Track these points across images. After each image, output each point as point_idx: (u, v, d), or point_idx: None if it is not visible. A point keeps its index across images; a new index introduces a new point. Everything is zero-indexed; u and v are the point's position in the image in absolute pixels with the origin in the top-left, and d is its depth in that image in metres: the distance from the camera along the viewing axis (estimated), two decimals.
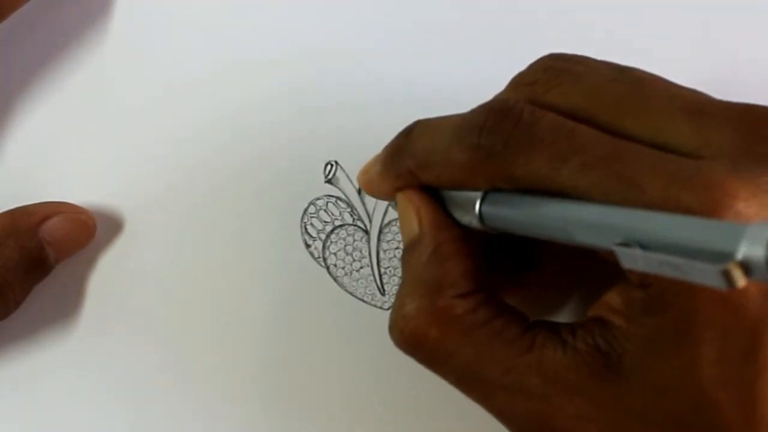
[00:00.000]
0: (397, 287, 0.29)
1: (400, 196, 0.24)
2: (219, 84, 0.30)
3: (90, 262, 0.30)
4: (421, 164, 0.23)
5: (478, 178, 0.21)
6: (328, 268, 0.30)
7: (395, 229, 0.30)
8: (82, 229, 0.29)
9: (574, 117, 0.20)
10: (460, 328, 0.21)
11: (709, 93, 0.20)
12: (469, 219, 0.22)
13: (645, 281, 0.19)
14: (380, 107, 0.30)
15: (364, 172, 0.25)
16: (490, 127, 0.20)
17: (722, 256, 0.14)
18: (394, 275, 0.30)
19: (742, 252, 0.14)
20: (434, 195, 0.23)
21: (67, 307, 0.30)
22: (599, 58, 0.22)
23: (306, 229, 0.30)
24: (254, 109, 0.30)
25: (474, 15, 0.30)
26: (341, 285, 0.30)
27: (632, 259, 0.16)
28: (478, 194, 0.21)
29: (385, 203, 0.30)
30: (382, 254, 0.30)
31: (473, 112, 0.21)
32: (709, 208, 0.17)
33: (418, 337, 0.22)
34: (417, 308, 0.22)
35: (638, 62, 0.21)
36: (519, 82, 0.22)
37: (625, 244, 0.16)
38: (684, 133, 0.19)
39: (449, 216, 0.23)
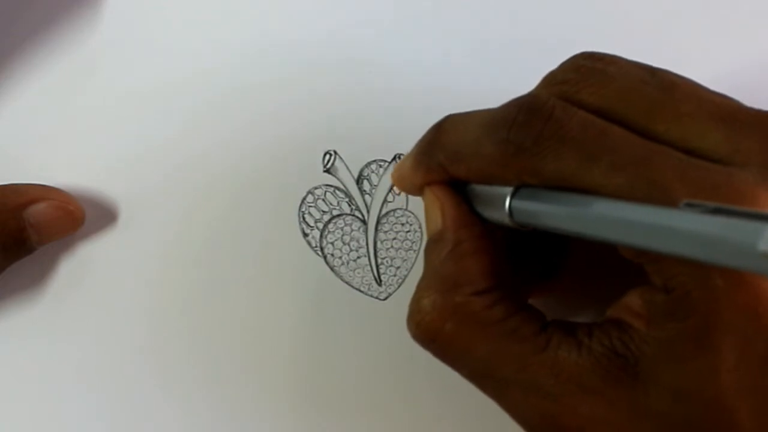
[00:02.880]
0: (393, 277, 0.30)
1: (426, 191, 0.24)
2: (217, 72, 0.30)
3: (84, 247, 0.30)
4: (452, 157, 0.22)
5: (507, 172, 0.21)
6: (325, 257, 0.30)
7: (393, 219, 0.30)
8: (67, 218, 0.29)
9: (605, 117, 0.20)
10: (475, 325, 0.22)
11: (738, 98, 0.21)
12: (498, 215, 0.22)
13: (668, 285, 0.19)
14: (380, 99, 0.30)
15: (397, 168, 0.25)
16: (520, 123, 0.20)
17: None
18: (391, 265, 0.30)
19: None
20: (462, 192, 0.23)
21: (58, 301, 0.30)
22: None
23: (304, 218, 0.30)
24: (253, 97, 0.30)
25: (475, 8, 0.30)
26: (338, 274, 0.30)
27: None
28: (508, 190, 0.21)
29: (383, 194, 0.30)
30: (379, 244, 0.30)
31: (504, 107, 0.21)
32: None
33: (433, 332, 0.22)
34: (433, 303, 0.22)
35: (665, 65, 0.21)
36: (551, 80, 0.22)
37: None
38: (714, 139, 0.19)
39: (475, 213, 0.23)
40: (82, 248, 0.30)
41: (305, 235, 0.30)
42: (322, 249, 0.30)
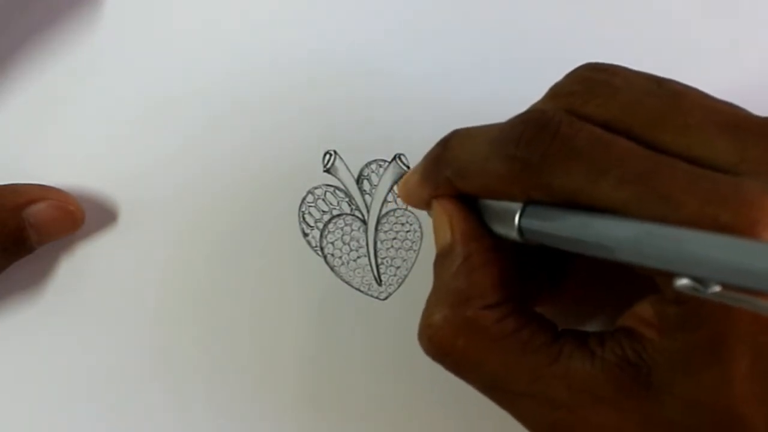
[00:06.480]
0: (393, 277, 0.30)
1: (434, 204, 0.24)
2: (218, 73, 0.30)
3: (84, 247, 0.30)
4: (459, 173, 0.22)
5: (514, 188, 0.21)
6: (325, 257, 0.30)
7: (393, 219, 0.30)
8: (67, 218, 0.29)
9: (612, 129, 0.20)
10: (487, 339, 0.22)
11: (743, 105, 0.20)
12: (507, 231, 0.22)
13: (680, 298, 0.19)
14: (380, 99, 0.30)
15: (404, 182, 0.25)
16: (528, 139, 0.20)
17: None
18: (391, 265, 0.30)
19: None
20: (472, 205, 0.23)
21: (58, 301, 0.30)
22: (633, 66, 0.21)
23: (304, 217, 0.30)
24: (254, 97, 0.30)
25: (475, 14, 0.30)
26: (338, 274, 0.30)
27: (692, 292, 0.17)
28: (518, 206, 0.21)
29: (383, 194, 0.30)
30: (379, 244, 0.30)
31: (511, 122, 0.21)
32: (746, 226, 0.17)
33: (446, 347, 0.22)
34: (444, 318, 0.22)
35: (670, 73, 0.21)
36: (557, 92, 0.22)
37: (686, 283, 0.17)
38: (721, 148, 0.19)
39: (484, 225, 0.23)
40: (82, 248, 0.30)
41: (305, 235, 0.30)
42: (322, 249, 0.30)
